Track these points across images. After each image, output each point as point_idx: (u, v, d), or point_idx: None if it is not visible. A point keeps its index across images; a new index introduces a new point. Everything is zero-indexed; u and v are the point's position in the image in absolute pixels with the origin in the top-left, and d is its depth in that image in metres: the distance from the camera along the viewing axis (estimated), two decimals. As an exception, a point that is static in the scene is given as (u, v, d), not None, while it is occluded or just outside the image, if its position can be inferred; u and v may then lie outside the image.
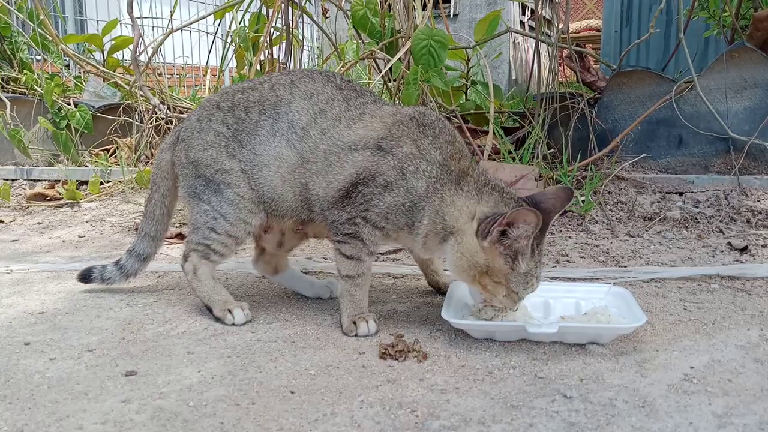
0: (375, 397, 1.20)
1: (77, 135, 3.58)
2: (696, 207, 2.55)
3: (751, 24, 2.82)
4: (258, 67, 3.12)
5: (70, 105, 3.62)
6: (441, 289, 1.77)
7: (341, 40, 4.12)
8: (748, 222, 2.39)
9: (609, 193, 2.67)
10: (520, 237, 1.38)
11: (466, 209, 1.45)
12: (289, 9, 3.01)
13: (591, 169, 2.76)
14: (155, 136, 3.48)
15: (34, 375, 1.30)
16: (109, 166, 3.45)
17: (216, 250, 1.62)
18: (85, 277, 1.82)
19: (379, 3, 2.90)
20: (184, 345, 1.46)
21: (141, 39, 3.23)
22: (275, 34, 3.16)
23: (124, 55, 4.11)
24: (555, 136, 2.94)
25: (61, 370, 1.33)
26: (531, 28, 6.30)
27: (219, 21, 3.61)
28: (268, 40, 3.08)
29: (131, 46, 3.32)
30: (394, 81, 2.92)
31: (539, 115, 2.88)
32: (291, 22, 3.02)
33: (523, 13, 6.96)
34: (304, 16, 3.23)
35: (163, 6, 4.81)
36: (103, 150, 3.67)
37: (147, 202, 1.78)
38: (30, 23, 3.94)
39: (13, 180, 3.55)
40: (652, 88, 2.84)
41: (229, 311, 1.58)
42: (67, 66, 4.45)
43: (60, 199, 3.20)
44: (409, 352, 1.38)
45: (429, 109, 1.61)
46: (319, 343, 1.47)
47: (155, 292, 1.87)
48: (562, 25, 3.11)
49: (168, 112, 3.44)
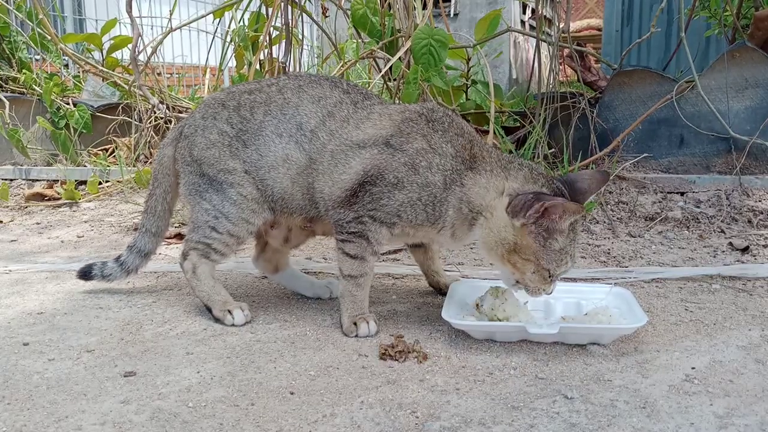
0: (375, 398, 1.20)
1: (76, 135, 3.57)
2: (697, 207, 2.55)
3: (752, 23, 2.82)
4: (257, 66, 3.11)
5: (68, 104, 3.61)
6: (441, 290, 1.77)
7: (341, 39, 4.11)
8: (750, 222, 2.39)
9: (610, 193, 2.67)
10: (557, 221, 1.39)
11: (492, 186, 1.45)
12: (289, 8, 3.00)
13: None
14: (154, 135, 3.47)
15: (33, 375, 1.30)
16: (108, 166, 3.44)
17: (216, 250, 1.62)
18: (85, 274, 1.81)
19: (379, 2, 2.89)
20: (184, 345, 1.45)
21: (140, 38, 3.23)
22: (275, 34, 3.15)
23: (123, 54, 4.10)
24: (556, 136, 2.93)
25: (60, 370, 1.32)
26: (532, 28, 6.29)
27: (218, 20, 3.60)
28: (268, 39, 3.08)
29: (130, 46, 3.31)
30: (394, 80, 2.91)
31: (540, 114, 2.87)
32: (291, 22, 3.01)
33: (523, 12, 6.95)
34: (304, 15, 3.22)
35: (162, 5, 4.80)
36: (101, 150, 3.66)
37: (148, 197, 1.78)
38: (29, 22, 3.93)
39: (11, 180, 3.54)
40: (653, 87, 2.83)
41: (229, 312, 1.58)
42: (66, 65, 4.45)
43: (59, 199, 3.19)
44: (409, 352, 1.38)
45: (436, 104, 1.61)
46: (319, 343, 1.46)
47: (154, 292, 1.86)
48: (562, 25, 3.10)
49: (167, 111, 3.43)
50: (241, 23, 3.33)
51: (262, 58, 3.14)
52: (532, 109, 3.06)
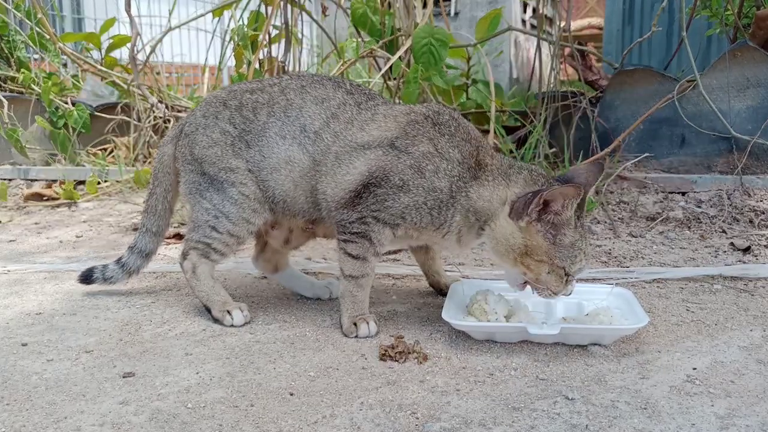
0: (375, 399, 1.19)
1: (75, 134, 3.57)
2: (699, 207, 2.54)
3: (753, 23, 2.81)
4: (257, 65, 3.11)
5: (67, 104, 3.61)
6: (442, 290, 1.76)
7: (341, 38, 4.10)
8: (751, 222, 2.38)
9: (611, 192, 2.66)
10: (560, 211, 1.38)
11: (496, 197, 1.44)
12: (288, 7, 2.99)
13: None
14: (153, 135, 3.47)
15: (32, 376, 1.29)
16: (107, 166, 3.43)
17: (216, 249, 1.61)
18: (87, 278, 1.79)
19: (379, 1, 2.89)
20: (183, 346, 1.45)
21: (139, 37, 3.22)
22: (274, 33, 3.14)
23: (121, 53, 4.09)
24: (556, 136, 2.93)
25: (59, 371, 1.32)
26: (532, 27, 6.28)
27: (217, 19, 3.60)
28: (267, 38, 3.07)
29: (129, 45, 3.30)
30: (395, 80, 2.90)
31: (541, 114, 2.87)
32: (290, 21, 3.01)
33: (524, 11, 6.94)
34: (304, 14, 3.22)
35: (161, 4, 4.79)
36: (100, 149, 3.65)
37: (148, 197, 1.77)
38: (27, 22, 3.92)
39: (10, 180, 3.54)
40: (654, 87, 2.83)
41: (228, 312, 1.57)
42: (64, 65, 4.44)
43: (57, 198, 3.18)
44: (409, 353, 1.37)
45: (442, 106, 1.60)
46: (319, 344, 1.46)
47: (153, 292, 1.85)
48: (563, 24, 3.10)
49: (166, 110, 3.43)
50: (241, 22, 3.33)
51: (261, 57, 3.14)
52: (532, 108, 3.06)
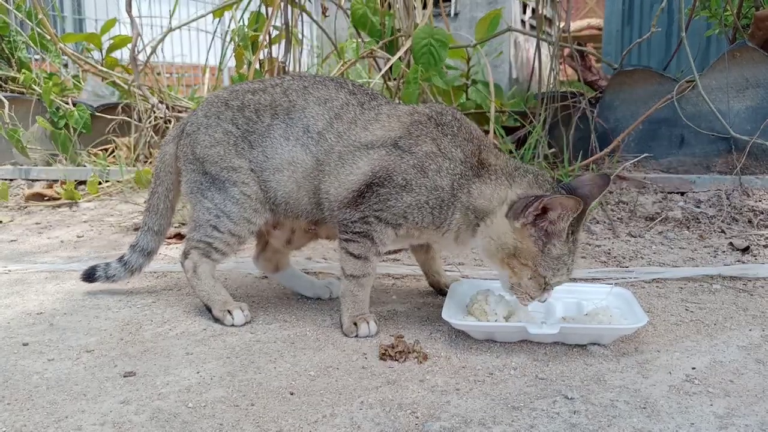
0: (375, 398, 1.19)
1: (75, 134, 3.57)
2: (697, 207, 2.55)
3: (752, 23, 2.82)
4: (257, 66, 3.11)
5: (68, 104, 3.61)
6: (442, 290, 1.76)
7: (341, 38, 4.11)
8: (750, 222, 2.39)
9: (610, 192, 2.67)
10: (556, 221, 1.38)
11: (497, 196, 1.44)
12: (289, 8, 3.00)
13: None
14: (154, 135, 3.47)
15: (33, 376, 1.30)
16: (108, 166, 3.44)
17: (218, 249, 1.61)
18: (89, 276, 1.80)
19: (379, 1, 2.89)
20: (183, 346, 1.45)
21: (139, 38, 3.22)
22: (274, 33, 3.15)
23: (122, 54, 4.10)
24: (556, 136, 2.93)
25: (60, 370, 1.32)
26: (532, 27, 6.29)
27: (218, 20, 3.60)
28: (268, 39, 3.08)
29: (130, 46, 3.31)
30: (395, 80, 2.91)
31: (540, 114, 2.87)
32: (290, 21, 3.01)
33: (524, 12, 6.94)
34: (304, 14, 3.22)
35: (162, 5, 4.79)
36: (101, 149, 3.66)
37: (150, 196, 1.77)
38: (28, 22, 3.93)
39: (11, 180, 3.54)
40: (653, 87, 2.83)
41: (229, 312, 1.58)
42: (65, 65, 4.44)
43: (58, 199, 3.19)
44: (409, 353, 1.38)
45: (445, 106, 1.60)
46: (319, 344, 1.46)
47: (154, 292, 1.86)
48: (563, 24, 3.10)
49: (167, 111, 3.43)
50: (241, 23, 3.33)
51: (261, 57, 3.14)
52: (532, 108, 3.06)
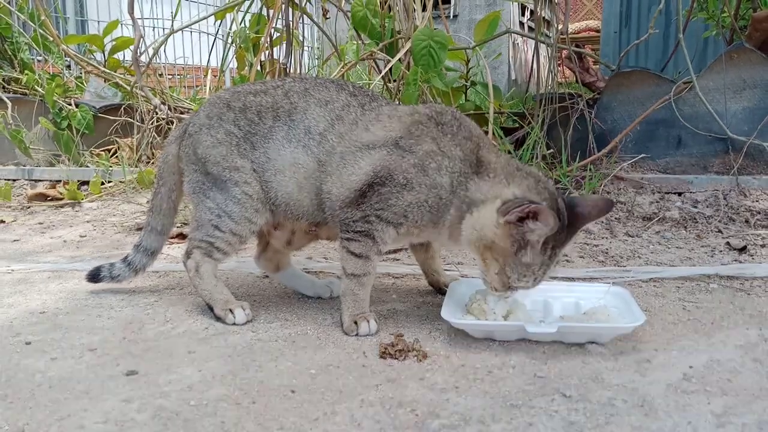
0: (375, 397, 1.20)
1: (78, 135, 3.59)
2: (695, 207, 2.56)
3: (750, 24, 2.83)
4: (258, 67, 3.13)
5: (71, 105, 3.63)
6: (441, 289, 1.78)
7: (341, 40, 4.13)
8: (747, 222, 2.40)
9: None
10: (533, 231, 1.38)
11: (492, 192, 1.45)
12: (290, 10, 3.01)
13: (590, 169, 2.76)
14: (156, 136, 3.49)
15: (35, 374, 1.31)
16: (110, 167, 3.45)
17: (219, 248, 1.63)
18: (94, 276, 1.82)
19: (379, 4, 2.90)
20: (185, 344, 1.46)
21: (142, 39, 3.24)
22: (276, 35, 3.16)
23: (125, 55, 4.11)
24: (554, 137, 2.94)
25: (62, 369, 1.33)
26: (530, 29, 6.30)
27: (220, 22, 3.62)
28: (269, 40, 3.09)
29: (132, 47, 3.32)
30: (394, 82, 2.92)
31: (538, 115, 2.88)
32: (291, 23, 3.03)
33: (522, 14, 6.96)
34: (305, 16, 3.24)
35: (164, 6, 4.81)
36: (104, 150, 3.67)
37: (153, 196, 1.79)
38: (31, 24, 3.94)
39: (14, 180, 3.56)
40: (651, 88, 2.84)
41: (230, 311, 1.59)
42: (68, 66, 4.46)
43: (61, 199, 3.20)
44: (409, 351, 1.39)
45: (445, 106, 1.62)
46: (320, 342, 1.47)
47: (156, 291, 1.87)
48: (561, 26, 3.12)
49: (169, 112, 3.45)
50: (243, 25, 3.35)
51: (263, 59, 3.16)
52: (530, 110, 3.08)
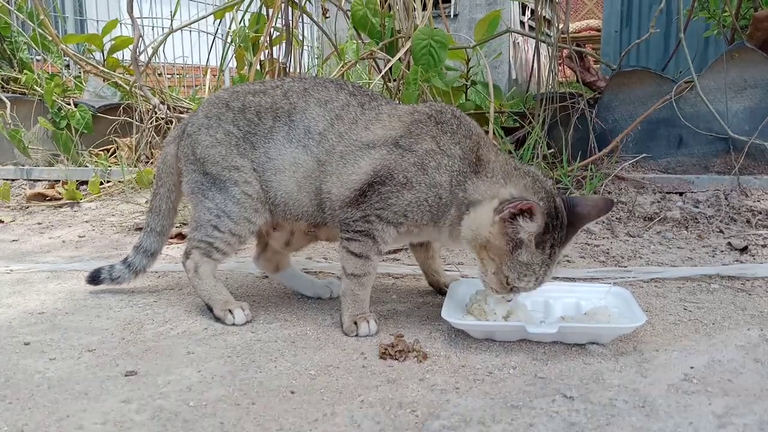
0: (375, 397, 1.20)
1: (77, 135, 3.58)
2: (696, 207, 2.55)
3: (751, 24, 2.82)
4: (258, 67, 3.12)
5: (70, 105, 3.62)
6: (441, 290, 1.77)
7: (341, 40, 4.12)
8: (748, 222, 2.40)
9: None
10: (523, 228, 1.38)
11: (490, 191, 1.44)
12: (289, 9, 3.01)
13: (591, 169, 2.76)
14: (155, 136, 3.48)
15: (34, 375, 1.30)
16: (109, 166, 3.45)
17: (218, 248, 1.62)
18: (94, 278, 1.81)
19: (379, 3, 2.90)
20: (184, 345, 1.46)
21: (141, 39, 3.24)
22: (275, 34, 3.16)
23: (124, 55, 4.11)
24: (555, 136, 2.94)
25: (61, 370, 1.33)
26: (531, 28, 6.30)
27: (219, 21, 3.62)
28: (268, 40, 3.08)
29: (131, 46, 3.32)
30: (394, 81, 2.92)
31: (539, 115, 2.88)
32: (291, 22, 3.02)
33: (523, 13, 6.96)
34: (304, 16, 3.23)
35: (163, 6, 4.81)
36: (103, 150, 3.67)
37: (152, 197, 1.78)
38: (30, 23, 3.94)
39: (13, 180, 3.55)
40: (652, 88, 2.84)
41: (230, 311, 1.58)
42: (67, 66, 4.45)
43: (60, 199, 3.20)
44: (409, 352, 1.38)
45: (445, 105, 1.62)
46: (319, 343, 1.47)
47: (155, 292, 1.87)
48: (562, 25, 3.11)
49: (168, 112, 3.44)
50: (242, 24, 3.34)
51: (262, 58, 3.15)
52: (531, 109, 3.07)
